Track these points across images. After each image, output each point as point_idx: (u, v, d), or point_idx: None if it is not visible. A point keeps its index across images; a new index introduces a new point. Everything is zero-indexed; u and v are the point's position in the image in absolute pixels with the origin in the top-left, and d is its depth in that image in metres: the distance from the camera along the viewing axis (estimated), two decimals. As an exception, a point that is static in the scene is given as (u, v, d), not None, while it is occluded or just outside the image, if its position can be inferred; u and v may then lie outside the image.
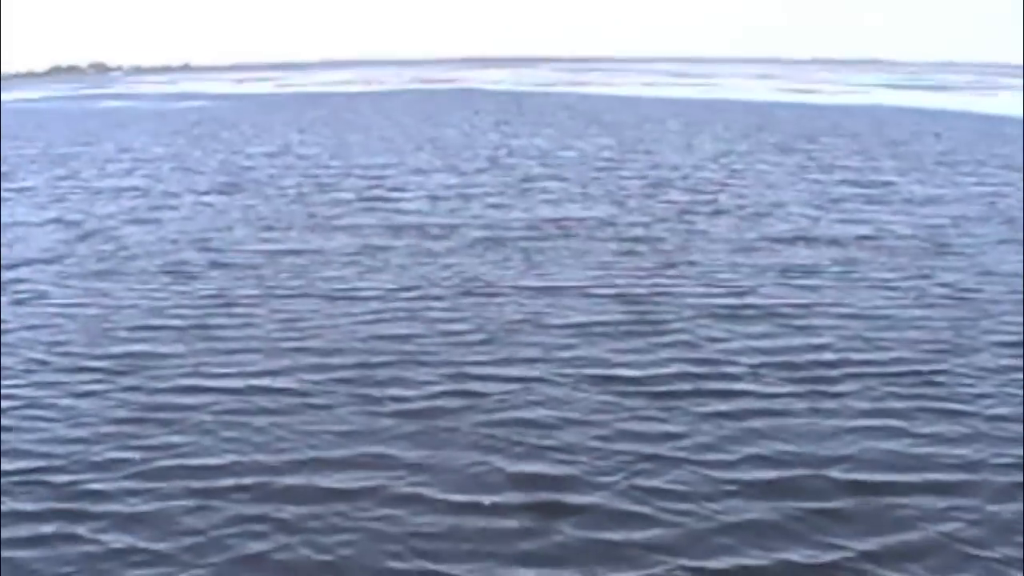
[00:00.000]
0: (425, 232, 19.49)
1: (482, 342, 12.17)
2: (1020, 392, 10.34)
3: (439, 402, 10.10)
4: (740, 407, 9.89)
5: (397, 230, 19.77)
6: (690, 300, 14.14)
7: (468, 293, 14.61)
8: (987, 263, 16.73)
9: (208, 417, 9.77)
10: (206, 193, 25.87)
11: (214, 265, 16.89)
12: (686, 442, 9.00)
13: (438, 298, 14.34)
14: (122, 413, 9.91)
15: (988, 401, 10.03)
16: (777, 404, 9.99)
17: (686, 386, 10.52)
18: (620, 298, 14.24)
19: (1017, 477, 8.30)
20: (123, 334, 12.78)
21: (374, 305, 13.98)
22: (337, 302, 14.20)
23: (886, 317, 13.25)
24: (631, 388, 10.47)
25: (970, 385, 10.55)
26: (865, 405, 9.91)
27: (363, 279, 15.62)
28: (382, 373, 11.03)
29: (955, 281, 15.38)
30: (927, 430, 9.29)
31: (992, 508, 7.80)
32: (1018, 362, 11.32)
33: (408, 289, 14.92)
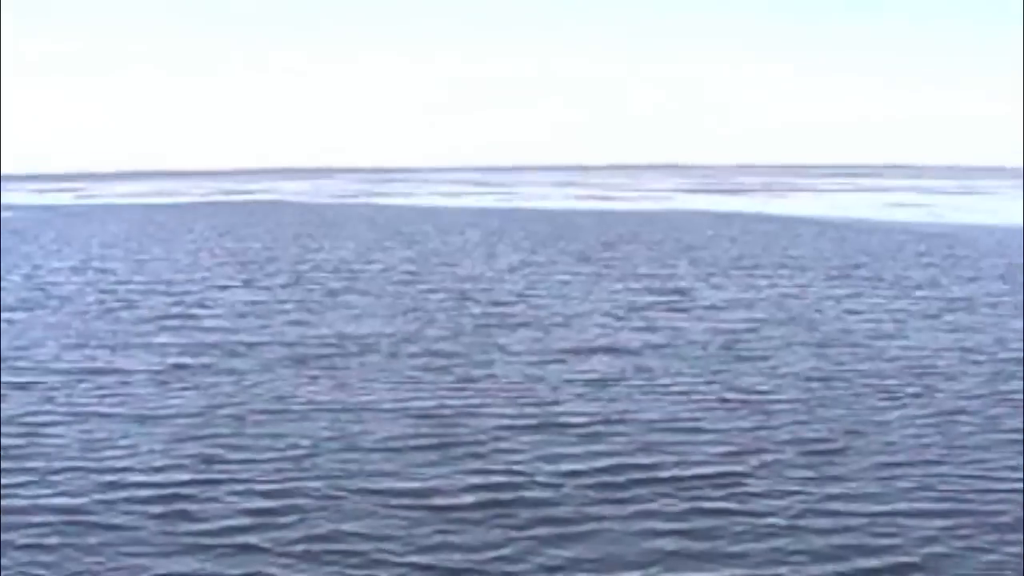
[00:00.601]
0: (228, 350, 19.21)
1: (286, 465, 11.96)
2: (817, 496, 10.59)
3: (242, 530, 9.78)
4: (546, 526, 9.82)
5: (200, 348, 19.43)
6: (492, 416, 14.10)
7: (272, 413, 14.36)
8: (780, 367, 17.27)
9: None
10: (5, 310, 25.15)
11: (13, 387, 16.38)
12: (493, 566, 9.06)
13: (241, 419, 14.10)
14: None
15: (792, 511, 10.17)
16: (583, 520, 9.95)
17: (492, 506, 10.42)
18: (424, 416, 14.10)
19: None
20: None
21: (176, 428, 13.54)
22: (140, 423, 13.74)
23: (686, 428, 13.42)
24: (437, 511, 10.30)
25: (768, 494, 10.73)
26: (665, 525, 9.90)
27: (166, 400, 15.19)
28: (185, 503, 10.68)
29: (750, 386, 15.78)
30: (731, 545, 9.33)
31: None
32: (813, 472, 11.54)
33: (211, 410, 14.54)
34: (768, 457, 12.11)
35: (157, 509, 10.57)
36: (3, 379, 16.91)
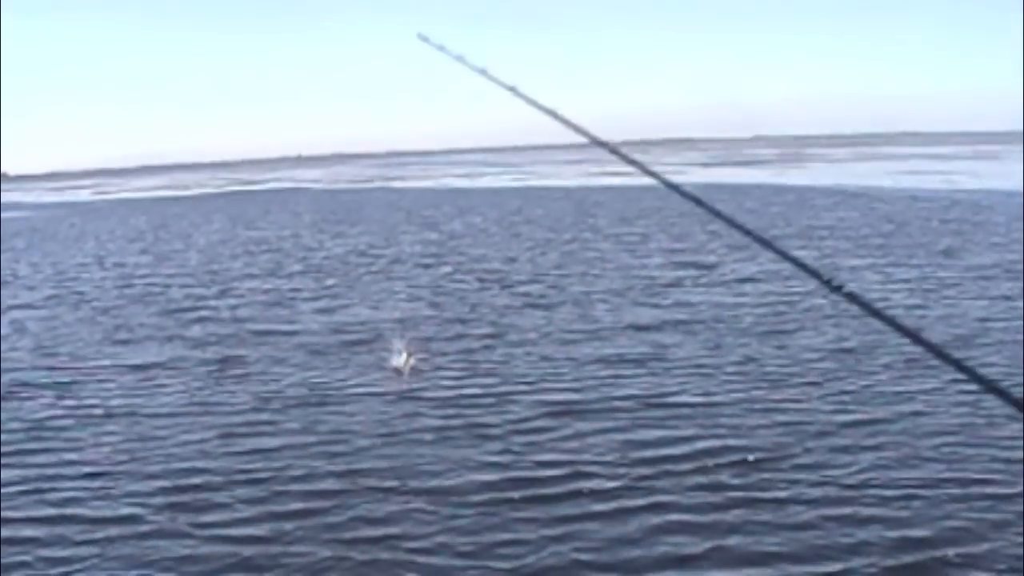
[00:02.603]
0: (256, 341, 19.08)
1: (321, 458, 11.86)
2: (869, 478, 10.42)
3: (284, 517, 9.89)
4: (583, 518, 9.77)
5: (227, 339, 19.30)
6: (526, 402, 13.93)
7: (308, 404, 14.28)
8: (820, 340, 16.98)
9: (14, 557, 9.33)
10: (26, 308, 25.18)
11: (39, 386, 16.20)
12: (532, 556, 8.95)
13: (277, 410, 13.99)
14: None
15: (843, 495, 10.16)
16: (622, 508, 9.95)
17: (527, 497, 10.30)
18: (457, 403, 14.00)
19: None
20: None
21: (209, 420, 13.55)
22: (172, 418, 13.72)
23: (726, 409, 13.25)
24: (475, 503, 10.30)
25: (818, 478, 10.55)
26: (702, 517, 9.92)
27: (197, 393, 15.12)
28: (219, 497, 10.62)
29: (792, 360, 15.60)
30: (781, 533, 9.36)
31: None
32: (862, 451, 11.31)
33: (244, 402, 14.53)
34: (812, 442, 11.74)
35: (194, 502, 10.55)
36: (26, 377, 16.89)
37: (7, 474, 11.77)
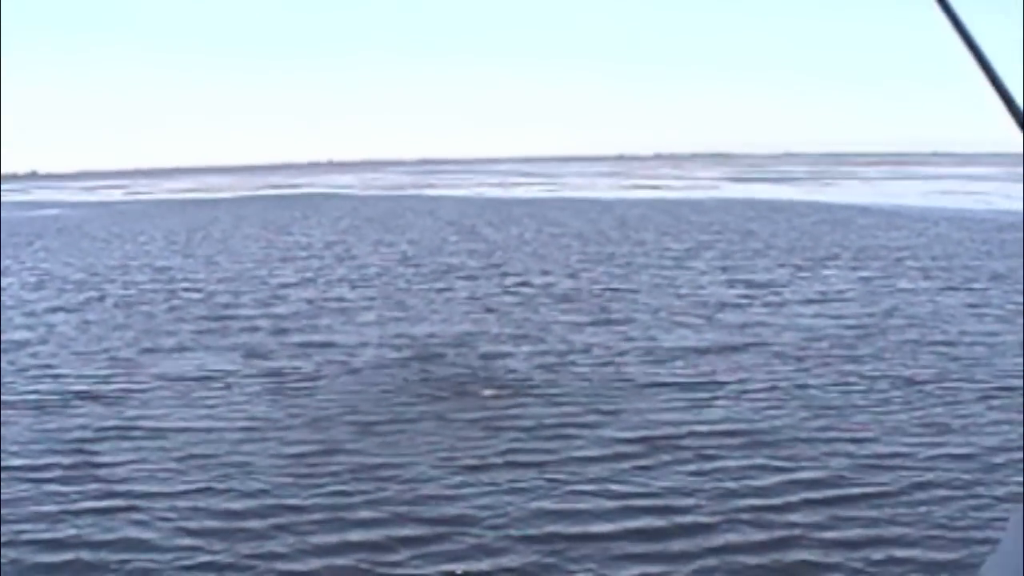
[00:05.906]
0: (301, 354, 18.26)
1: (385, 483, 11.01)
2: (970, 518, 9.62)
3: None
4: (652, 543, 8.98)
5: (273, 353, 18.48)
6: (582, 427, 13.17)
7: (359, 425, 13.37)
8: (898, 369, 16.11)
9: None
10: (61, 311, 24.44)
11: (58, 396, 15.46)
12: None
13: (329, 431, 13.08)
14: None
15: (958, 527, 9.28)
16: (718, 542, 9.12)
17: (600, 525, 9.51)
18: (495, 427, 13.18)
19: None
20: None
21: (263, 442, 12.66)
22: (222, 438, 12.86)
23: (800, 433, 12.47)
24: (529, 540, 9.48)
25: (923, 512, 9.74)
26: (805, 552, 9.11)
27: (244, 410, 14.29)
28: (278, 515, 9.77)
29: (876, 390, 14.75)
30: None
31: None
32: (959, 492, 10.51)
33: (296, 421, 13.64)
34: (884, 474, 11.00)
35: (238, 530, 9.74)
36: (62, 387, 16.18)
37: (41, 491, 10.98)
